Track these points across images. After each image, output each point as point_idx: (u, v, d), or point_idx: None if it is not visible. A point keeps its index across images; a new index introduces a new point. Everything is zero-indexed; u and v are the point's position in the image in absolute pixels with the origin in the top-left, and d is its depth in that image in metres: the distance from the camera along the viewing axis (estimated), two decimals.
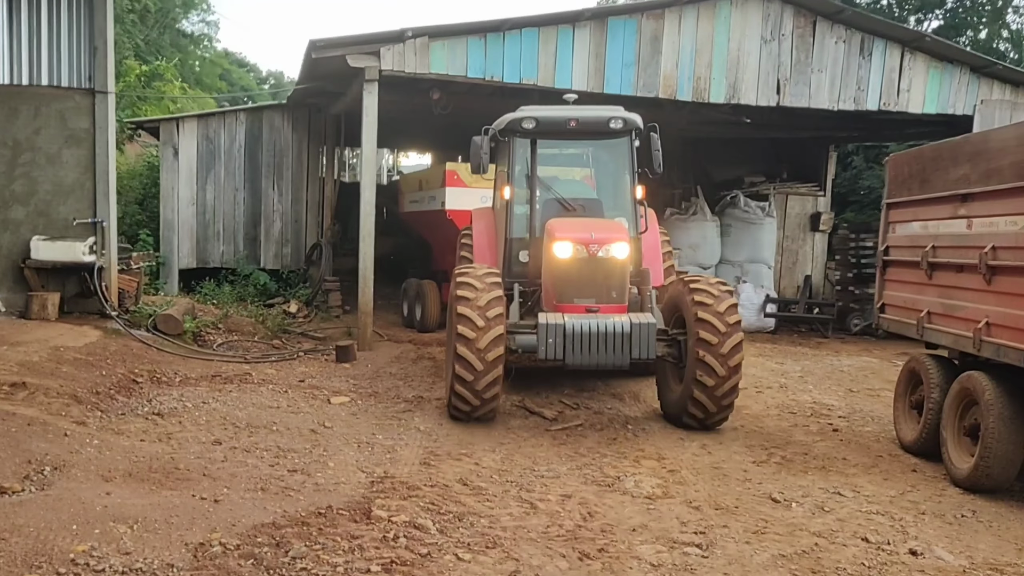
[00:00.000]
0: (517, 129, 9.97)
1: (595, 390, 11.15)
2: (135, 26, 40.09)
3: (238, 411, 8.90)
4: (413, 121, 19.96)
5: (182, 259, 17.57)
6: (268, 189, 18.04)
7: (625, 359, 8.56)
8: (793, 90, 14.54)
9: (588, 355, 8.49)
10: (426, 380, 11.32)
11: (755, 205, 18.47)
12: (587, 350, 8.46)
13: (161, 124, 17.59)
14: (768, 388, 11.63)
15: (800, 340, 16.51)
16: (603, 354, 8.49)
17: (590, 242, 9.02)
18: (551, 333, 8.47)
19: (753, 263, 18.34)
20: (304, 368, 11.76)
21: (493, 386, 8.67)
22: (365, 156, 13.34)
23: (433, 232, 16.44)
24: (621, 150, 10.26)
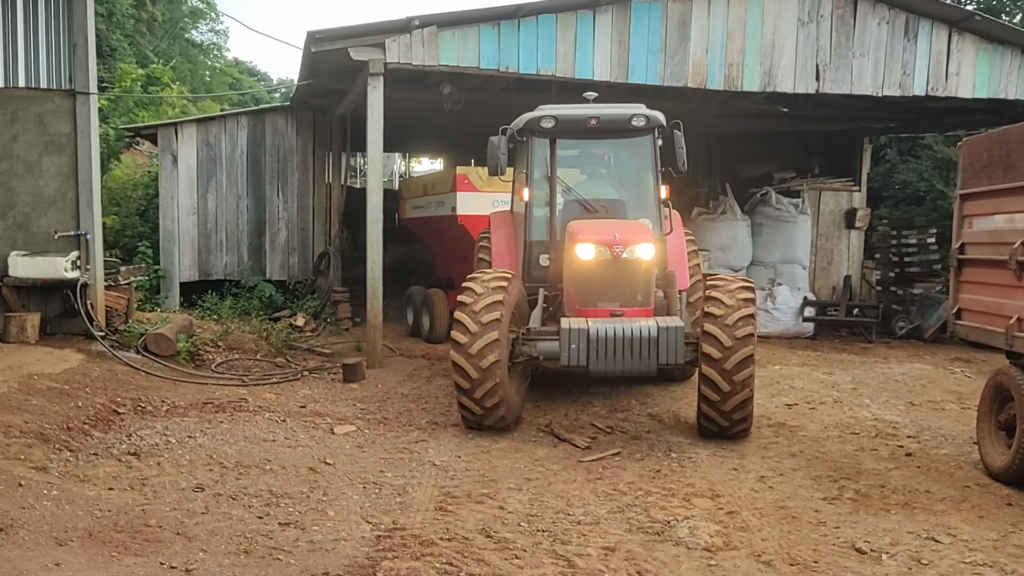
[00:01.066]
0: (536, 128, 9.50)
1: (630, 409, 9.93)
2: (144, 36, 39.21)
3: (227, 447, 7.71)
4: (424, 123, 18.86)
5: (183, 271, 16.41)
6: (272, 196, 16.87)
7: (652, 365, 8.00)
8: (833, 76, 13.26)
9: (613, 361, 7.94)
10: (441, 402, 10.12)
11: (788, 202, 17.18)
12: (612, 356, 7.93)
13: (159, 130, 16.45)
14: (822, 403, 10.35)
15: (843, 346, 15.20)
16: (629, 360, 7.95)
17: (614, 243, 8.53)
18: (574, 338, 7.93)
19: (787, 264, 17.04)
20: (307, 390, 10.57)
21: (492, 395, 8.17)
22: (371, 157, 12.16)
23: (440, 238, 15.56)
24: (644, 149, 9.81)
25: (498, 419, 8.41)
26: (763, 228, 17.16)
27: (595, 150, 10.32)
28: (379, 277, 12.18)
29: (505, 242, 10.45)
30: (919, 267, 16.45)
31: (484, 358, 8.00)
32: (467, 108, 14.16)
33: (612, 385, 11.10)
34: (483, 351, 8.00)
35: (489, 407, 8.20)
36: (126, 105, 17.43)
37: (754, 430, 9.10)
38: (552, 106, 9.87)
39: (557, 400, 10.21)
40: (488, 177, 13.16)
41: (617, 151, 10.34)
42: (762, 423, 9.38)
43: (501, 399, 8.22)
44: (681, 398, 10.46)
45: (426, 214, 15.36)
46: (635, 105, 9.85)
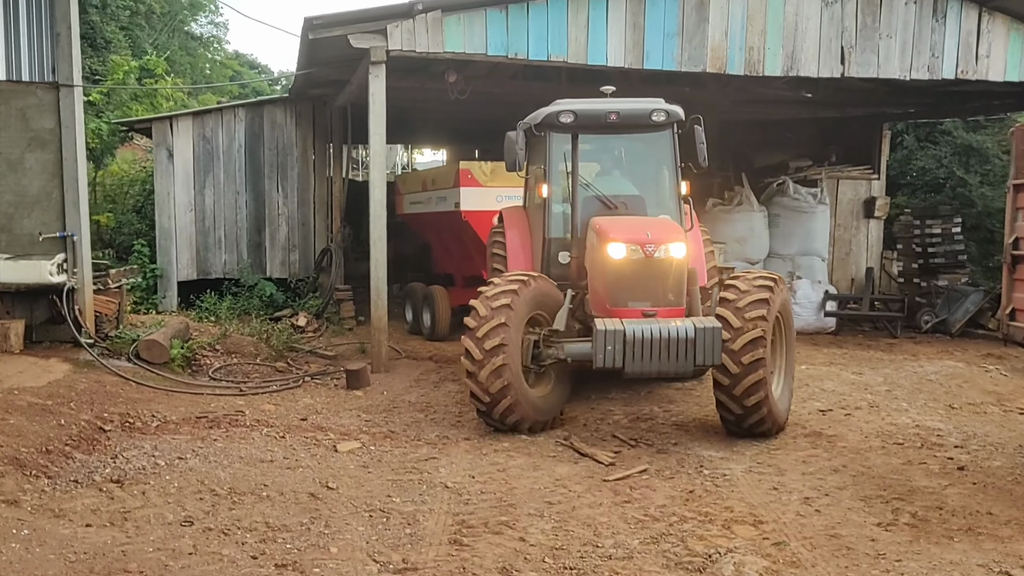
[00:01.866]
0: (554, 124, 9.19)
1: (653, 418, 9.20)
2: (143, 29, 38.37)
3: (221, 469, 6.98)
4: (427, 114, 18.15)
5: (181, 270, 15.68)
6: (272, 191, 16.12)
7: (689, 366, 7.72)
8: (859, 59, 12.48)
9: (650, 362, 7.65)
10: (451, 411, 9.40)
11: (806, 192, 16.42)
12: (648, 357, 7.64)
13: (153, 124, 15.69)
14: (857, 408, 9.62)
15: (867, 342, 14.46)
16: (665, 361, 7.66)
17: (646, 242, 8.23)
18: (610, 340, 7.61)
19: (805, 256, 16.29)
20: (309, 399, 9.86)
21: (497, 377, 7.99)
22: (373, 151, 11.41)
23: (440, 234, 15.03)
24: (663, 144, 9.48)
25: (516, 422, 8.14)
26: (780, 219, 16.41)
27: (613, 145, 9.90)
28: (383, 276, 11.45)
29: (520, 239, 10.13)
30: (944, 258, 15.70)
31: (489, 340, 7.87)
32: (473, 98, 13.42)
33: (632, 389, 10.41)
34: (489, 334, 7.89)
35: (495, 392, 7.97)
36: (120, 98, 16.68)
37: (789, 440, 8.40)
38: (570, 100, 9.50)
39: (575, 408, 9.48)
40: (491, 172, 13.21)
41: (636, 146, 9.92)
42: (797, 432, 8.66)
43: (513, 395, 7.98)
44: (707, 404, 9.72)
45: (426, 210, 14.81)
46: (654, 100, 9.52)
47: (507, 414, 8.10)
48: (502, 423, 8.13)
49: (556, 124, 9.20)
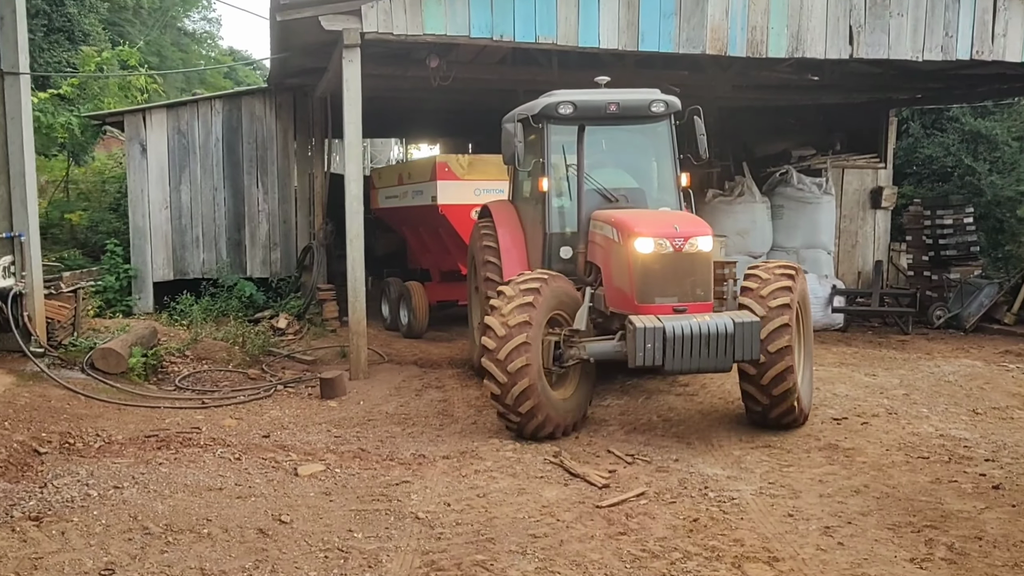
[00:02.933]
0: (553, 115, 8.91)
1: (652, 429, 8.30)
2: (133, 25, 37.43)
3: (160, 501, 6.07)
4: (417, 105, 17.27)
5: (156, 271, 14.77)
6: (251, 187, 15.20)
7: (728, 362, 7.49)
8: (868, 39, 11.53)
9: (689, 359, 7.39)
10: (431, 423, 8.50)
11: (810, 181, 15.48)
12: (688, 354, 7.37)
13: (125, 117, 14.75)
14: (874, 416, 8.70)
15: (878, 339, 13.54)
16: (705, 358, 7.41)
17: (674, 236, 7.91)
18: (649, 338, 7.30)
19: (811, 249, 15.36)
20: (277, 411, 8.95)
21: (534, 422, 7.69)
22: (348, 142, 10.48)
23: (416, 229, 14.54)
24: (662, 135, 9.31)
25: (537, 426, 7.73)
26: (784, 210, 15.48)
27: (611, 137, 9.42)
28: (361, 276, 10.53)
29: (512, 236, 9.80)
30: (956, 250, 14.78)
31: (512, 361, 7.46)
32: (460, 86, 12.50)
33: (630, 395, 9.52)
34: (511, 355, 7.47)
35: (525, 413, 7.60)
36: (91, 91, 15.76)
37: (803, 455, 7.49)
38: (566, 91, 9.18)
39: None
40: (469, 165, 12.66)
41: (635, 137, 9.59)
42: (811, 445, 7.75)
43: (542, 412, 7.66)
44: (710, 412, 8.84)
45: (402, 204, 14.27)
46: (650, 90, 9.33)
47: (539, 429, 7.74)
48: (534, 438, 7.77)
49: (555, 115, 8.88)
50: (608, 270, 8.35)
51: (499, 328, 7.57)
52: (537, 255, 9.42)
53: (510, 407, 7.61)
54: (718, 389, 9.74)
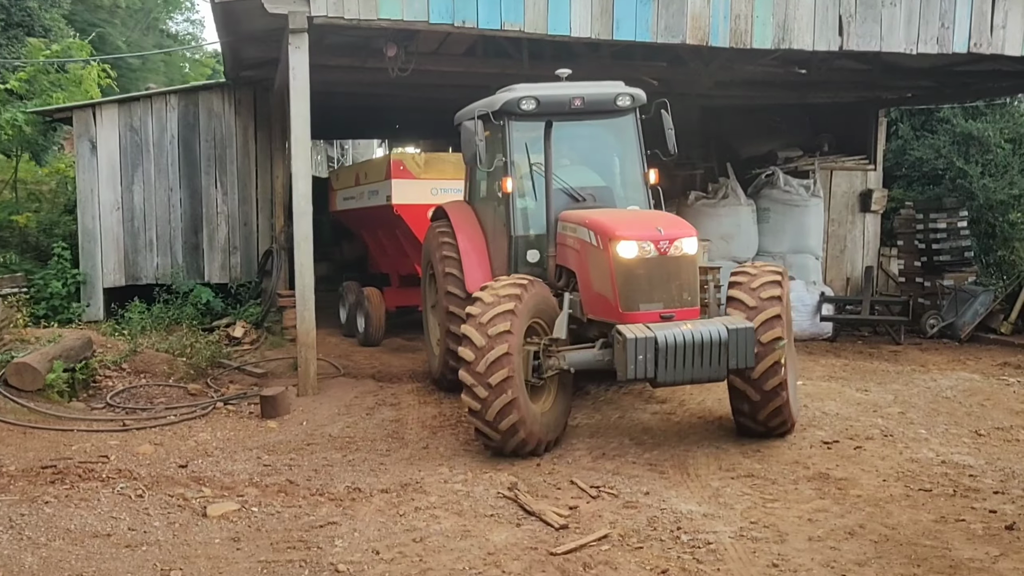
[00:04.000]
0: (514, 111, 8.37)
1: (622, 454, 7.35)
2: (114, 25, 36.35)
3: (31, 552, 5.06)
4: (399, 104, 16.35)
5: (107, 276, 13.74)
6: (209, 187, 14.18)
7: (723, 371, 7.03)
8: (859, 30, 10.62)
9: (683, 370, 6.91)
10: (378, 448, 7.53)
11: (797, 183, 14.59)
12: (682, 364, 6.88)
13: (74, 113, 13.73)
14: (868, 439, 7.76)
15: (869, 349, 12.62)
16: (699, 368, 6.93)
17: (659, 238, 7.37)
18: (640, 348, 6.77)
19: (798, 254, 14.46)
20: (207, 433, 7.97)
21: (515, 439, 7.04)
22: (295, 136, 9.51)
23: (375, 231, 13.75)
24: (628, 130, 8.81)
25: (520, 443, 7.09)
26: (769, 214, 14.59)
27: (574, 133, 8.75)
28: (310, 283, 9.56)
29: (472, 239, 9.14)
30: (950, 255, 13.88)
31: (493, 374, 6.81)
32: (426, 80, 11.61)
33: (602, 412, 8.61)
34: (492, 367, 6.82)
35: (506, 430, 6.94)
36: (41, 86, 14.76)
37: (789, 486, 6.56)
38: (527, 85, 8.58)
39: None
40: (425, 164, 11.91)
41: (599, 133, 9.00)
42: (799, 474, 6.82)
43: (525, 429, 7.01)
44: (687, 434, 7.89)
45: (359, 205, 13.56)
46: (614, 83, 8.76)
47: (521, 447, 7.11)
48: (515, 456, 7.15)
49: (517, 111, 8.34)
50: (586, 276, 7.76)
51: (478, 338, 6.89)
52: (501, 259, 8.78)
53: (490, 423, 6.94)
54: (697, 407, 8.81)
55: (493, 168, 8.60)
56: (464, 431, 8.09)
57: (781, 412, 7.40)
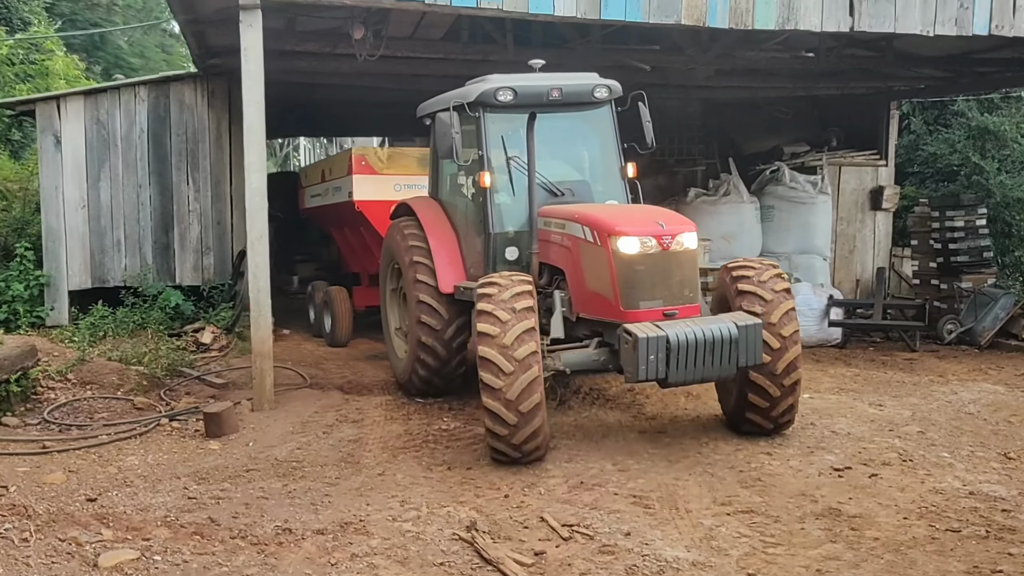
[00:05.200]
0: (490, 102, 7.98)
1: (603, 483, 6.35)
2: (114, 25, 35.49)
3: None
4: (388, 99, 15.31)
5: (72, 278, 12.79)
6: (181, 184, 13.22)
7: (732, 369, 6.75)
8: (872, 9, 9.57)
9: (694, 369, 6.62)
10: (326, 475, 6.55)
11: (804, 180, 13.56)
12: (693, 364, 6.59)
13: (37, 105, 12.79)
14: (885, 465, 6.74)
15: (881, 357, 11.57)
16: (710, 367, 6.66)
17: (662, 234, 7.02)
18: (652, 348, 6.47)
19: (804, 254, 13.44)
20: (135, 457, 6.98)
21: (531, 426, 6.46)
22: (248, 124, 8.55)
23: (341, 229, 13.21)
24: (605, 122, 8.50)
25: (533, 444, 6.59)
26: (774, 212, 13.57)
27: (550, 125, 8.20)
28: (265, 287, 8.62)
29: (441, 236, 8.70)
30: (968, 255, 12.81)
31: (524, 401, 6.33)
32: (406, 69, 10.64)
33: (584, 430, 7.62)
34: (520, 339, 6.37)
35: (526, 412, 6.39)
36: (6, 78, 13.82)
37: (795, 525, 5.55)
38: (504, 76, 8.21)
39: (500, 466, 6.65)
40: (388, 159, 11.44)
41: (576, 125, 8.70)
42: (806, 510, 5.81)
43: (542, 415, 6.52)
44: (679, 458, 6.88)
45: (324, 202, 13.10)
46: (588, 75, 8.44)
47: (532, 438, 6.52)
48: (520, 451, 6.57)
49: (493, 103, 7.95)
50: (578, 273, 7.37)
51: (504, 363, 6.33)
52: (474, 257, 8.41)
53: (517, 447, 6.51)
54: (691, 425, 7.83)
55: (469, 162, 8.15)
56: (428, 453, 7.12)
57: (794, 409, 7.21)
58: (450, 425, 7.94)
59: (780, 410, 7.12)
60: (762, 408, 7.10)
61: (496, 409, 6.33)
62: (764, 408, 7.09)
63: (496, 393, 6.32)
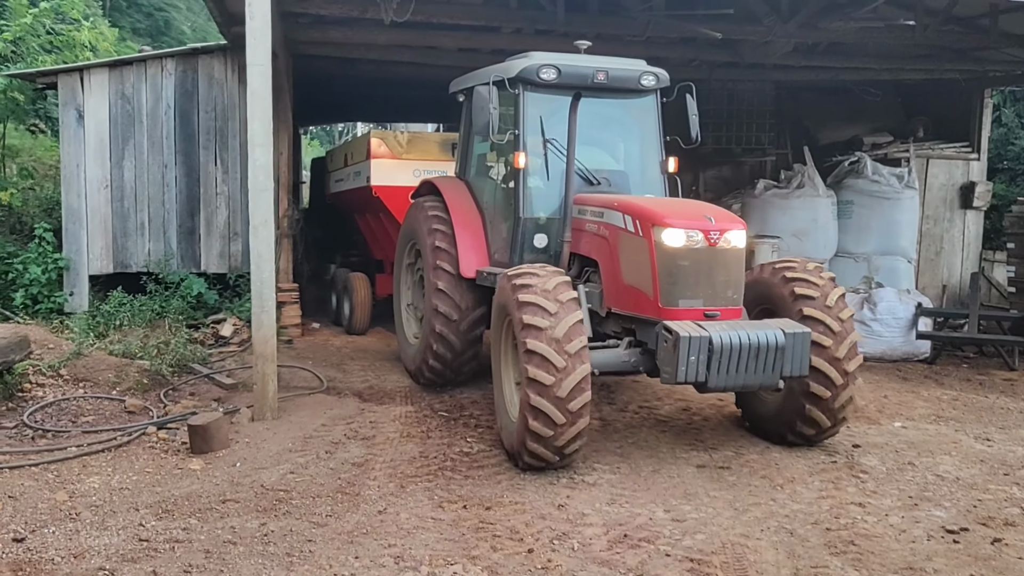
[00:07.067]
0: (531, 80, 7.41)
1: (655, 538, 5.00)
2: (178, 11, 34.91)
3: None
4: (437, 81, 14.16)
5: (93, 262, 11.81)
6: (208, 164, 12.14)
7: (775, 378, 6.14)
8: None
9: (736, 375, 6.03)
10: (316, 511, 5.29)
11: (888, 172, 11.95)
12: (735, 369, 6.00)
13: (59, 78, 11.80)
14: (1008, 525, 5.25)
15: (976, 376, 9.94)
16: (752, 373, 6.05)
17: (710, 228, 6.45)
18: (695, 348, 5.90)
19: (886, 256, 11.85)
20: (99, 478, 5.81)
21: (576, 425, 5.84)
22: (252, 90, 7.28)
23: (363, 215, 12.48)
24: (648, 112, 7.92)
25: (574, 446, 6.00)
26: (853, 207, 11.99)
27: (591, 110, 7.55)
28: (269, 278, 7.42)
29: (466, 219, 8.18)
30: None
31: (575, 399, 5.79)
32: (469, 43, 9.35)
33: (631, 461, 6.26)
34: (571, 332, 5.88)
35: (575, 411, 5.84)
36: (29, 49, 12.93)
37: None
38: (547, 54, 7.60)
39: (531, 505, 5.34)
40: (407, 143, 10.88)
41: (618, 113, 8.01)
42: None
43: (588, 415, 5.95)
44: (748, 507, 5.48)
45: (345, 187, 12.52)
46: (636, 60, 7.83)
47: (576, 439, 5.93)
48: (561, 453, 5.96)
49: (535, 80, 7.37)
50: (614, 265, 6.84)
51: (556, 357, 5.76)
52: (500, 243, 7.92)
53: (559, 449, 5.91)
54: (760, 459, 6.43)
55: (504, 141, 7.50)
56: (443, 483, 5.84)
57: (852, 401, 6.63)
58: (473, 448, 6.65)
59: (842, 401, 6.49)
60: (824, 399, 6.43)
61: (544, 407, 5.72)
62: (826, 399, 6.42)
63: (546, 390, 5.71)
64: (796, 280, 6.70)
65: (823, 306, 6.53)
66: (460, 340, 8.08)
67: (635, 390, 8.52)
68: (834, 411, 6.52)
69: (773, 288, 6.86)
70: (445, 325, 8.00)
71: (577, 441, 5.92)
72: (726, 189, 13.98)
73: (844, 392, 6.47)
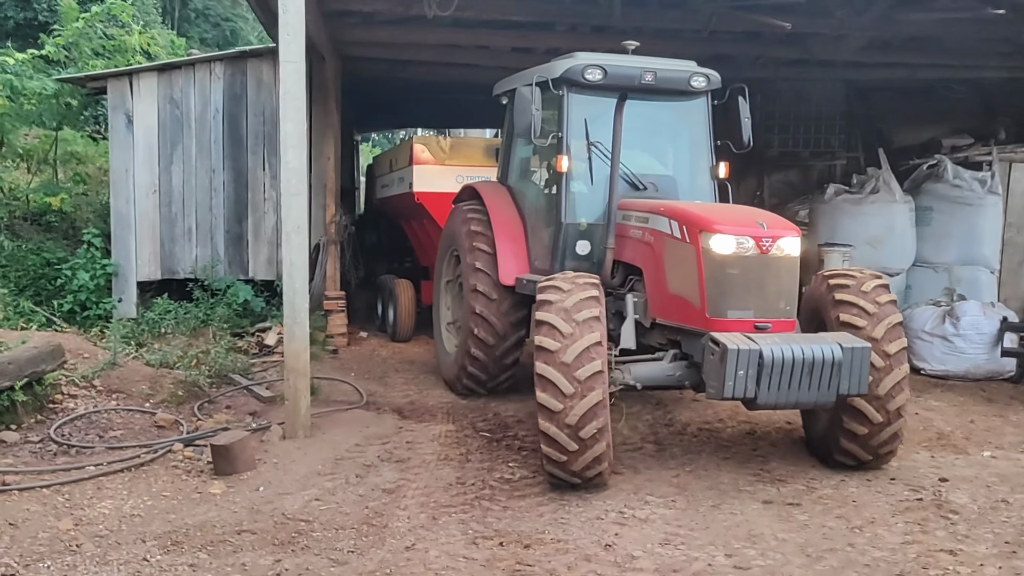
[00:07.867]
0: (576, 80, 7.12)
1: None
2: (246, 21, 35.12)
3: None
4: None
5: (141, 268, 11.56)
6: (256, 169, 11.82)
7: (832, 396, 5.66)
8: None
9: (787, 392, 5.59)
10: (337, 546, 4.79)
11: (970, 176, 11.03)
12: (787, 384, 5.57)
13: (109, 82, 11.60)
14: None
15: None
16: (806, 390, 5.60)
17: (762, 235, 6.01)
18: (743, 362, 5.46)
19: (968, 266, 10.90)
20: (111, 502, 5.40)
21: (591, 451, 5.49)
22: (285, 89, 6.86)
23: (408, 221, 12.36)
24: (699, 115, 7.58)
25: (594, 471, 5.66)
26: (932, 214, 11.08)
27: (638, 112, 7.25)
28: (302, 287, 6.96)
29: (508, 224, 7.98)
30: None
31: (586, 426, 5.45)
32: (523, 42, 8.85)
33: (689, 493, 5.62)
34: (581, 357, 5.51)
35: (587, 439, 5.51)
36: (82, 53, 12.79)
37: None
38: (593, 54, 7.38)
39: (568, 541, 4.75)
40: (450, 149, 10.74)
41: (666, 116, 7.75)
42: None
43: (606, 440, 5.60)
44: (822, 554, 4.80)
45: (390, 193, 12.42)
46: (686, 61, 7.53)
47: (593, 465, 5.62)
48: (579, 477, 5.68)
49: (580, 81, 7.11)
50: (659, 273, 6.52)
51: (564, 383, 5.48)
52: (541, 249, 7.68)
53: (576, 473, 5.64)
54: (834, 495, 5.73)
55: (547, 144, 7.29)
56: (480, 515, 5.29)
57: (898, 437, 6.15)
58: (515, 474, 6.09)
59: (883, 439, 6.05)
60: (861, 436, 6.01)
61: (553, 434, 5.47)
62: (863, 436, 6.00)
63: (554, 417, 5.45)
64: (844, 304, 6.14)
65: (868, 337, 5.91)
66: (499, 345, 7.91)
67: (694, 410, 7.86)
68: (874, 448, 6.07)
69: (823, 304, 6.38)
70: (484, 329, 7.84)
71: (596, 466, 5.60)
72: (792, 194, 13.23)
73: (887, 429, 5.99)
